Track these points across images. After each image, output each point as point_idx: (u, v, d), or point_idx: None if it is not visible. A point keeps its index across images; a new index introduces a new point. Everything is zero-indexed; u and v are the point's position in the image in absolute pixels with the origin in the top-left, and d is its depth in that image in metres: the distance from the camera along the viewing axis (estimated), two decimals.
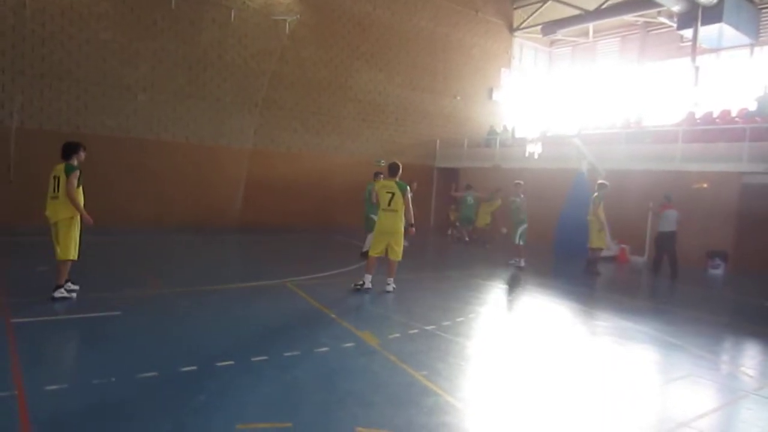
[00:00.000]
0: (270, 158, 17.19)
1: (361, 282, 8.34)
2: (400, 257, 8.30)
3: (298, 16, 17.29)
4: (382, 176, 10.68)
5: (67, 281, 6.73)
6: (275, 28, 17.03)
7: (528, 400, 4.55)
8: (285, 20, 17.01)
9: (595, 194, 12.07)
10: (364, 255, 10.46)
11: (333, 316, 6.76)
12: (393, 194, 8.14)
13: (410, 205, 8.16)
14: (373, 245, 8.41)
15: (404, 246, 8.54)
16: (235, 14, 16.22)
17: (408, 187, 8.22)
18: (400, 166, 8.43)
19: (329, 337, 5.84)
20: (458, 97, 21.99)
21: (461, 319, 7.18)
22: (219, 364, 4.80)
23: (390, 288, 8.32)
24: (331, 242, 14.79)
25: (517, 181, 12.32)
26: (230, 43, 16.31)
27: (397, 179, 8.31)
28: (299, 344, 5.53)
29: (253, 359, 4.99)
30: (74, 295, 6.76)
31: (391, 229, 8.16)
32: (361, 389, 4.48)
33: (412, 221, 8.17)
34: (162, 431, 3.57)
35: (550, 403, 4.49)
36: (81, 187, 6.70)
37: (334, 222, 17.64)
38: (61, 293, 6.60)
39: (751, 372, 5.80)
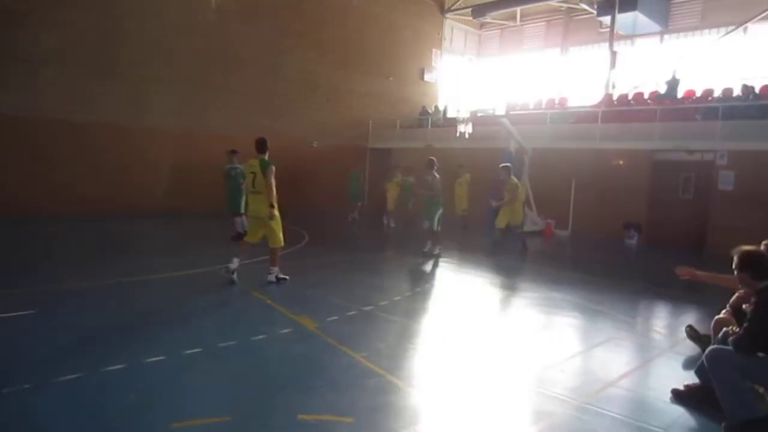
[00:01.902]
0: (197, 140, 16.49)
1: (232, 265, 7.45)
2: (279, 243, 7.48)
3: None
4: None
5: None
6: (200, 1, 16.28)
7: (465, 373, 4.69)
8: None
9: (512, 180, 11.33)
10: (236, 238, 10.14)
11: (269, 301, 6.66)
12: (255, 174, 7.31)
13: (273, 186, 7.22)
14: (249, 230, 7.77)
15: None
16: None
17: (272, 166, 7.27)
18: (267, 141, 7.49)
19: (265, 324, 5.72)
20: (391, 78, 22.02)
21: (398, 298, 7.30)
22: (148, 360, 4.51)
23: (272, 278, 7.50)
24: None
25: (430, 157, 11.04)
26: (149, 15, 15.36)
27: (266, 157, 7.40)
28: (234, 333, 5.38)
29: (185, 352, 4.73)
30: None
31: (259, 213, 7.36)
32: (301, 375, 4.40)
33: (273, 203, 7.21)
34: None
35: (485, 374, 4.66)
36: None
37: None
38: None
39: (665, 332, 6.31)
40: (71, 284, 7.07)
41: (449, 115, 21.29)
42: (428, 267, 9.67)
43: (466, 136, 15.38)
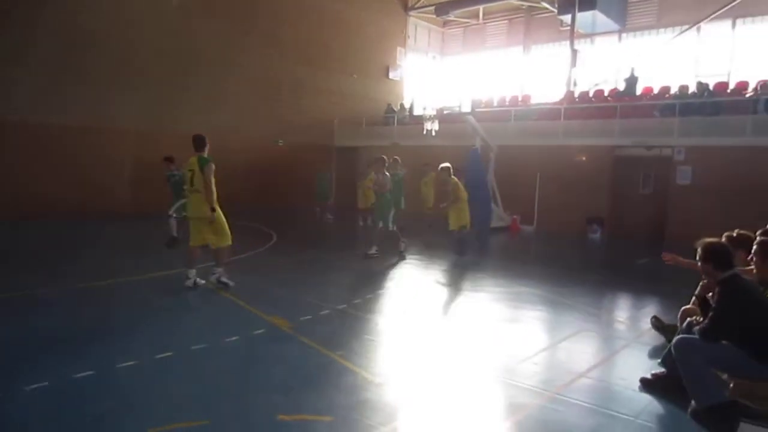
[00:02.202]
0: (159, 140, 16.04)
1: (190, 279, 7.12)
2: (223, 243, 7.06)
3: None
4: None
5: None
6: (161, 0, 15.89)
7: (439, 368, 4.74)
8: None
9: (453, 179, 10.55)
10: (170, 243, 9.77)
11: (240, 302, 6.55)
12: (194, 172, 6.87)
13: (212, 185, 6.82)
14: (191, 233, 7.24)
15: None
16: None
17: (211, 163, 6.87)
18: (205, 138, 7.05)
19: (238, 325, 5.63)
20: (355, 76, 21.96)
21: (370, 296, 7.30)
22: (120, 365, 4.38)
23: (213, 278, 7.04)
24: (232, 226, 14.26)
25: (377, 157, 10.77)
26: (109, 13, 14.92)
27: (205, 154, 6.97)
28: (206, 335, 5.28)
29: (157, 356, 4.63)
30: None
31: (199, 213, 6.96)
32: (277, 376, 4.37)
33: (213, 204, 6.84)
34: None
35: (459, 369, 4.71)
36: None
37: (232, 205, 16.98)
38: None
39: (629, 323, 6.51)
40: (32, 289, 6.80)
41: (415, 112, 21.38)
42: (399, 266, 9.69)
43: (433, 133, 15.48)
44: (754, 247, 4.08)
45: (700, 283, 3.98)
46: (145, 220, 14.05)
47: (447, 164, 10.61)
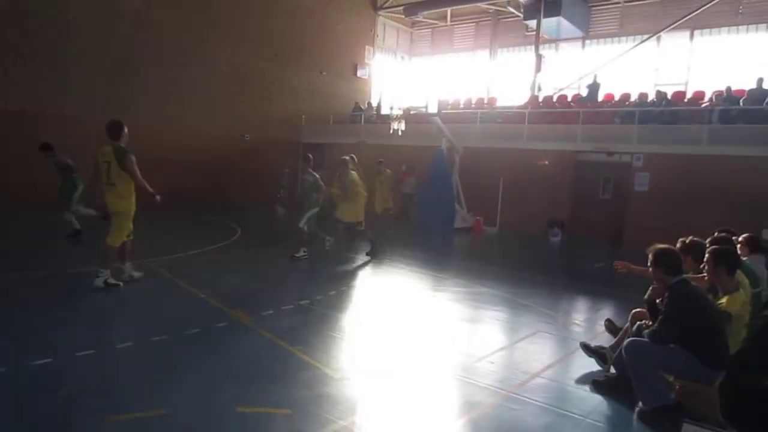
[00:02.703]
0: (130, 131, 15.62)
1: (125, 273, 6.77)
2: (115, 243, 6.46)
3: None
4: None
5: None
6: None
7: (397, 365, 4.79)
8: None
9: (351, 174, 10.21)
10: (73, 235, 9.36)
11: (202, 296, 6.47)
12: (110, 164, 6.32)
13: (137, 174, 6.34)
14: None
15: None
16: None
17: (130, 155, 6.34)
18: (123, 126, 6.49)
19: (200, 318, 5.58)
20: (324, 73, 21.85)
21: (333, 292, 7.30)
22: (78, 354, 4.35)
23: (99, 282, 6.32)
24: (196, 220, 14.04)
25: (307, 155, 10.57)
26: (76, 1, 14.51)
27: (122, 143, 6.42)
28: (168, 327, 5.24)
29: (117, 346, 4.64)
30: None
31: (115, 208, 6.44)
32: (237, 368, 4.40)
33: (150, 189, 6.39)
34: None
35: (417, 367, 4.77)
36: None
37: (199, 199, 16.69)
38: None
39: (584, 324, 6.68)
40: None
41: (382, 111, 21.39)
42: (364, 265, 9.70)
43: (399, 133, 15.52)
44: (706, 255, 4.24)
45: (650, 288, 4.12)
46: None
47: (347, 157, 10.45)
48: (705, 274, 4.33)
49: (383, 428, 3.66)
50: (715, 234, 5.17)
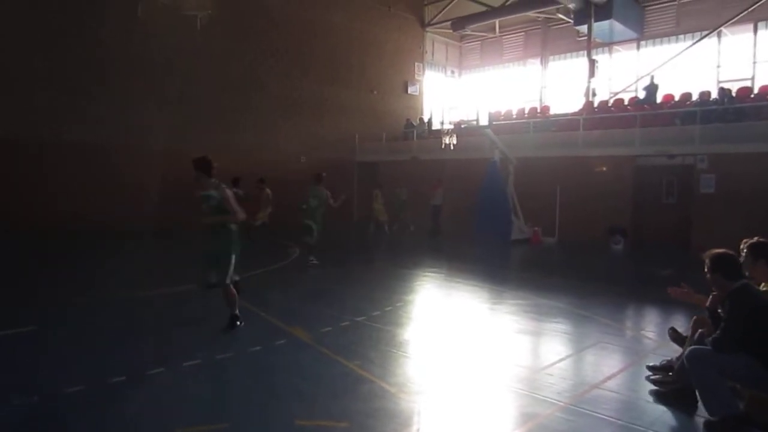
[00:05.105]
0: (185, 158, 16.50)
1: None
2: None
3: (210, 11, 16.82)
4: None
5: None
6: (186, 23, 16.47)
7: (454, 378, 4.81)
8: (196, 15, 16.51)
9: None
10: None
11: (263, 314, 6.75)
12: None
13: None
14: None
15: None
16: (141, 9, 15.55)
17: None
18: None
19: (261, 336, 5.82)
20: (375, 92, 22.29)
21: (389, 308, 7.40)
22: (149, 372, 4.67)
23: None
24: (257, 241, 14.54)
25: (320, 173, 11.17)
26: (137, 38, 15.63)
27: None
28: (231, 345, 5.50)
29: (184, 364, 4.89)
30: None
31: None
32: (296, 384, 4.54)
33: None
34: None
35: (474, 379, 4.78)
36: None
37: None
38: None
39: (650, 335, 6.46)
40: (70, 300, 7.12)
41: (434, 126, 21.55)
42: (420, 279, 9.78)
43: (451, 147, 15.60)
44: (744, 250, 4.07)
45: (710, 295, 3.98)
46: (167, 238, 14.42)
47: (260, 177, 13.01)
48: None
49: None
50: None
